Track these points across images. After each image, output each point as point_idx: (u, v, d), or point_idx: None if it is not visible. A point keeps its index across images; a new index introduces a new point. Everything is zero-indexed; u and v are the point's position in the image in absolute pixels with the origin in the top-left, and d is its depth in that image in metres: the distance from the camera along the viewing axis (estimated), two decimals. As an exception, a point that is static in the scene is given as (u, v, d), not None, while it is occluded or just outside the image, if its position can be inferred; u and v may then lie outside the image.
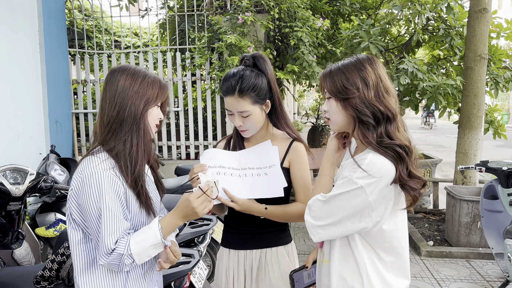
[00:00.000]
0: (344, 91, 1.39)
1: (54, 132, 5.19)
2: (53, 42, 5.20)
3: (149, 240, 1.38)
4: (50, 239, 3.17)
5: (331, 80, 1.43)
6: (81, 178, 1.39)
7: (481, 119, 5.00)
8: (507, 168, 3.35)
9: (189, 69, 5.77)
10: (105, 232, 1.36)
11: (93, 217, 1.37)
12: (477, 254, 4.33)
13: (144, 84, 1.48)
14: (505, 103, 23.32)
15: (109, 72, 1.53)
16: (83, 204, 1.38)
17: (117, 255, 1.36)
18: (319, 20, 5.24)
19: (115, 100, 1.45)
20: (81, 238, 1.45)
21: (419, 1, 4.90)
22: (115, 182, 1.40)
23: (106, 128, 1.46)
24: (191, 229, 2.64)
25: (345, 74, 1.40)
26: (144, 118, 1.47)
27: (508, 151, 12.34)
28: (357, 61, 1.43)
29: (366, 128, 1.37)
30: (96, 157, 1.43)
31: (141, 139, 1.46)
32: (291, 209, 1.74)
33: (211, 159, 1.69)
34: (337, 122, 1.45)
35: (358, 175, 1.33)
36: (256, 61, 1.73)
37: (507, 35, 5.46)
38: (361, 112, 1.36)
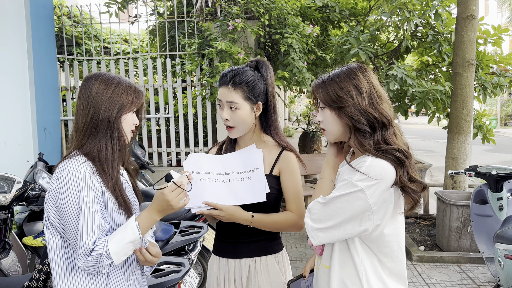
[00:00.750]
0: (338, 100, 1.39)
1: (42, 139, 5.13)
2: (42, 48, 5.16)
3: (127, 237, 1.39)
4: (37, 248, 3.11)
5: (324, 90, 1.42)
6: (59, 179, 1.39)
7: (470, 124, 5.05)
8: (496, 173, 3.38)
9: (179, 76, 5.75)
10: (83, 232, 1.35)
11: (72, 218, 1.37)
12: (468, 258, 4.35)
13: (118, 90, 1.49)
14: (493, 108, 23.63)
15: (84, 78, 1.55)
16: (61, 205, 1.38)
17: (96, 256, 1.35)
18: (309, 26, 5.27)
19: (88, 105, 1.47)
20: (59, 243, 1.44)
21: (407, 7, 4.96)
22: (93, 182, 1.41)
23: (81, 132, 1.48)
24: (182, 237, 2.61)
25: (338, 83, 1.40)
26: (118, 123, 1.48)
27: (496, 155, 12.47)
28: (348, 69, 1.43)
29: (362, 135, 1.37)
30: (73, 159, 1.44)
31: (115, 143, 1.48)
32: (280, 218, 1.72)
33: (195, 163, 1.68)
34: (333, 131, 1.45)
35: (358, 178, 1.32)
36: (259, 65, 1.75)
37: (494, 41, 5.54)
38: (356, 120, 1.36)
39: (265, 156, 1.76)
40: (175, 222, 2.85)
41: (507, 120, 23.48)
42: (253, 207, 1.67)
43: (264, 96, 1.73)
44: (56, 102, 5.69)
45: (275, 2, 5.15)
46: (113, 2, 6.27)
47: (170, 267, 2.17)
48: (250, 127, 1.74)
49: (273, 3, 5.16)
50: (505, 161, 11.41)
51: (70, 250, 1.44)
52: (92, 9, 6.15)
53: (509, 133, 19.62)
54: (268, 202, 1.69)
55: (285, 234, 5.24)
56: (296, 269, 4.16)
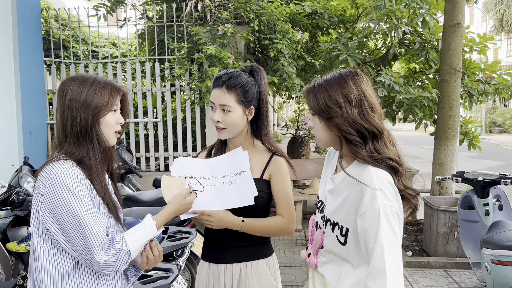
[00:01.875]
0: (327, 110, 1.35)
1: (28, 143, 5.05)
2: (28, 51, 5.09)
3: (147, 235, 1.43)
4: (22, 254, 3.04)
5: (314, 97, 1.39)
6: (49, 183, 1.36)
7: (457, 131, 5.11)
8: (483, 179, 3.42)
9: (168, 80, 5.73)
10: (92, 227, 1.32)
11: (72, 219, 1.33)
12: (455, 263, 4.39)
13: (91, 92, 1.44)
14: (478, 115, 23.99)
15: (60, 83, 1.51)
16: (58, 209, 1.34)
17: (117, 251, 1.33)
18: (299, 32, 5.29)
19: (65, 112, 1.44)
20: (48, 250, 1.39)
21: (395, 15, 5.01)
22: (83, 181, 1.39)
23: (64, 139, 1.46)
24: (170, 242, 2.58)
25: (328, 91, 1.36)
26: (96, 128, 1.44)
27: (482, 162, 12.65)
28: (339, 77, 1.39)
29: (354, 145, 1.34)
30: (62, 162, 1.41)
31: (97, 150, 1.45)
32: (271, 223, 1.72)
33: (181, 168, 1.67)
34: (322, 139, 1.43)
35: (382, 199, 1.25)
36: (253, 70, 1.76)
37: (479, 49, 5.63)
38: (345, 131, 1.34)
39: (256, 160, 1.75)
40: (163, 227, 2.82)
41: (491, 127, 23.85)
42: (243, 212, 1.66)
43: (256, 101, 1.73)
44: (42, 106, 5.62)
45: (265, 8, 5.17)
46: (102, 5, 6.24)
47: (158, 273, 2.14)
48: (241, 130, 1.74)
49: (262, 9, 5.18)
50: (490, 167, 11.58)
51: (62, 256, 1.40)
52: (80, 12, 6.10)
53: (494, 139, 19.94)
54: (258, 207, 1.69)
55: (273, 240, 5.22)
56: (284, 275, 4.14)
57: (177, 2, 6.11)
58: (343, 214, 1.37)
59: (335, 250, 1.42)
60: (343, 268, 1.40)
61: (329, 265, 1.45)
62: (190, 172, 1.66)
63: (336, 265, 1.43)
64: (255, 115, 1.76)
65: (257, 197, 1.68)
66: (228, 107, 1.67)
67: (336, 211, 1.40)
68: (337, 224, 1.39)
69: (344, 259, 1.40)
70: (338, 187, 1.42)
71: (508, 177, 3.34)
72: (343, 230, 1.37)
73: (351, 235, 1.35)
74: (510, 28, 27.36)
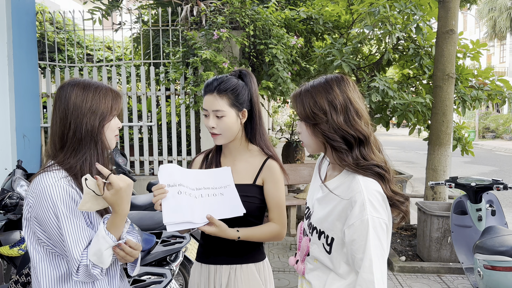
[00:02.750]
0: (312, 116, 1.35)
1: (22, 146, 5.02)
2: (22, 54, 5.07)
3: (103, 246, 1.33)
4: (14, 258, 3.02)
5: (300, 103, 1.39)
6: (36, 193, 1.36)
7: (450, 136, 5.15)
8: (476, 184, 3.44)
9: (163, 84, 5.72)
10: (70, 245, 1.33)
11: (54, 232, 1.34)
12: (448, 269, 4.40)
13: (96, 98, 1.45)
14: (471, 121, 24.16)
15: (58, 88, 1.49)
16: (42, 220, 1.35)
17: (84, 267, 1.33)
18: (293, 38, 5.32)
19: (68, 119, 1.42)
20: (43, 256, 1.41)
21: (389, 21, 5.05)
22: (71, 193, 1.37)
23: (61, 147, 1.43)
24: (163, 247, 2.57)
25: (313, 97, 1.36)
26: (101, 134, 1.46)
27: (475, 167, 12.73)
28: (325, 83, 1.38)
29: (340, 152, 1.34)
30: (52, 173, 1.39)
31: (100, 155, 1.46)
32: (265, 231, 1.73)
33: (169, 175, 1.64)
34: (310, 145, 1.43)
35: (371, 211, 1.25)
36: (242, 74, 1.77)
37: (472, 55, 5.68)
38: (330, 138, 1.33)
39: (249, 165, 1.76)
40: (156, 232, 2.81)
41: (484, 133, 24.02)
42: (236, 219, 1.66)
43: (248, 103, 1.74)
44: (36, 109, 5.59)
45: (260, 13, 5.19)
46: (97, 9, 6.23)
47: (151, 278, 2.13)
48: (235, 134, 1.74)
49: (258, 14, 5.20)
50: (483, 172, 11.66)
51: (58, 261, 1.41)
52: (75, 15, 6.09)
53: (487, 145, 20.08)
54: (251, 212, 1.69)
55: (267, 244, 5.22)
56: (278, 280, 4.14)
57: (173, 6, 6.12)
58: (329, 223, 1.37)
59: (321, 257, 1.42)
60: (329, 276, 1.40)
61: (316, 272, 1.45)
62: (178, 180, 1.63)
63: (322, 272, 1.43)
64: (248, 118, 1.77)
65: (249, 203, 1.68)
66: (221, 111, 1.68)
67: (322, 220, 1.40)
68: (323, 233, 1.39)
69: (329, 268, 1.40)
70: (328, 196, 1.41)
71: (500, 182, 3.36)
72: (328, 239, 1.37)
73: (336, 244, 1.35)
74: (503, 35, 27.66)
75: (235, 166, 1.78)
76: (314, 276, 1.45)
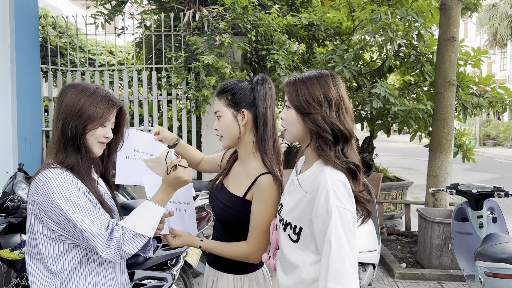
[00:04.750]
0: (306, 105, 1.38)
1: (23, 150, 5.02)
2: (25, 58, 5.09)
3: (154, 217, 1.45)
4: (14, 262, 3.01)
5: (294, 91, 1.41)
6: (41, 188, 1.38)
7: (451, 143, 5.15)
8: (477, 191, 3.44)
9: (165, 88, 5.74)
10: (89, 229, 1.35)
11: (69, 221, 1.36)
12: (449, 276, 4.39)
13: (88, 102, 1.45)
14: (472, 128, 24.15)
15: (61, 89, 1.52)
16: (54, 214, 1.36)
17: (116, 242, 1.36)
18: (295, 44, 5.34)
19: (59, 118, 1.45)
20: (38, 263, 1.44)
21: (391, 28, 5.07)
22: (75, 181, 1.41)
23: (55, 146, 1.47)
24: (164, 251, 2.57)
25: (308, 88, 1.39)
26: (83, 139, 1.46)
27: (476, 174, 12.71)
28: (320, 76, 1.41)
29: (325, 143, 1.37)
30: (53, 169, 1.42)
31: (85, 159, 1.47)
32: (231, 249, 1.66)
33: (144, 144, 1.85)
34: (293, 133, 1.45)
35: (335, 201, 1.27)
36: (254, 78, 1.75)
37: (474, 62, 5.70)
38: (322, 128, 1.36)
39: (246, 177, 1.68)
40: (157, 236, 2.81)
41: (485, 140, 24.01)
42: (235, 222, 1.67)
43: (250, 105, 1.69)
44: (38, 113, 5.60)
45: (262, 19, 5.22)
46: (100, 13, 6.26)
47: (152, 282, 2.13)
48: (237, 137, 1.70)
49: (260, 20, 5.22)
50: (484, 179, 11.64)
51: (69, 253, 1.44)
52: (78, 20, 6.13)
53: (488, 152, 20.06)
54: (232, 225, 1.69)
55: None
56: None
57: (175, 11, 6.16)
58: (296, 213, 1.40)
59: (287, 250, 1.43)
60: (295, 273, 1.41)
61: (283, 267, 1.47)
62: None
63: (288, 269, 1.43)
64: (255, 125, 1.71)
65: (230, 215, 1.66)
66: (218, 112, 1.71)
67: (290, 211, 1.43)
68: (289, 224, 1.42)
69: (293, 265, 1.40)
70: (297, 188, 1.44)
71: (501, 189, 3.36)
72: (296, 229, 1.39)
73: (304, 234, 1.37)
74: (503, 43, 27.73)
75: (237, 173, 1.74)
76: (280, 272, 1.47)
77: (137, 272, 2.21)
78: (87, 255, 1.46)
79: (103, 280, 1.48)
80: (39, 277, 1.43)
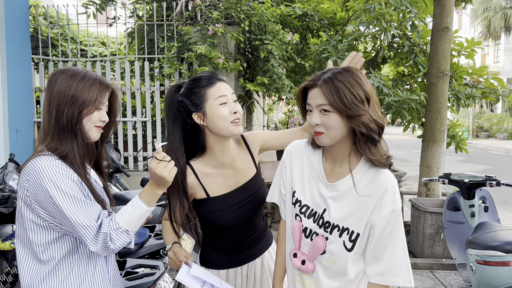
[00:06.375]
0: (354, 108, 1.29)
1: (14, 141, 4.98)
2: (16, 49, 5.03)
3: (137, 212, 1.40)
4: (6, 252, 2.99)
5: (337, 94, 1.30)
6: (32, 175, 1.36)
7: (444, 134, 5.16)
8: (469, 181, 3.46)
9: (157, 79, 5.70)
10: (79, 220, 1.33)
11: (57, 209, 1.34)
12: (441, 265, 4.42)
13: (80, 87, 1.43)
14: (465, 120, 24.28)
15: (50, 75, 1.49)
16: (44, 201, 1.35)
17: (103, 235, 1.34)
18: (289, 34, 5.31)
19: (51, 106, 1.42)
20: (28, 252, 1.42)
21: (385, 18, 5.05)
22: (67, 171, 1.38)
23: (48, 134, 1.44)
24: (156, 240, 2.56)
25: (350, 88, 1.30)
26: (80, 124, 1.43)
27: (469, 166, 12.80)
28: (355, 73, 1.34)
29: (372, 142, 1.33)
30: (44, 157, 1.39)
31: (81, 146, 1.44)
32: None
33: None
34: (336, 137, 1.35)
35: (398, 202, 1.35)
36: None
37: (467, 53, 5.70)
38: (370, 128, 1.31)
39: (240, 156, 1.76)
40: (150, 225, 2.80)
41: (478, 132, 24.16)
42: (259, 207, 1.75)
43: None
44: (29, 103, 5.55)
45: (256, 9, 5.17)
46: (91, 3, 6.19)
47: (144, 270, 2.12)
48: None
49: (253, 9, 5.18)
50: (477, 171, 11.72)
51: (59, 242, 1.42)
52: (69, 10, 6.05)
53: (481, 144, 20.20)
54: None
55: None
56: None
57: (167, 1, 6.10)
58: (356, 218, 1.37)
59: (339, 257, 1.40)
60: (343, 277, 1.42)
61: (328, 272, 1.44)
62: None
63: (336, 273, 1.42)
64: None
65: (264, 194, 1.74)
66: None
67: (346, 217, 1.38)
68: (346, 229, 1.38)
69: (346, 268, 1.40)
70: (348, 192, 1.39)
71: (493, 179, 3.38)
72: (353, 235, 1.37)
73: (359, 241, 1.37)
74: (497, 35, 27.80)
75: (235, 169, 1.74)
76: (325, 275, 1.44)
77: (129, 260, 2.21)
78: (77, 244, 1.44)
79: (93, 270, 1.47)
80: (28, 265, 1.41)
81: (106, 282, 1.51)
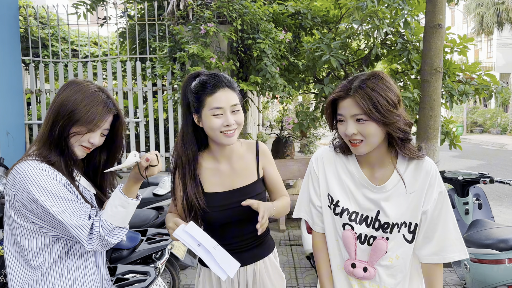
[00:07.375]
0: (389, 115, 1.33)
1: (5, 144, 4.93)
2: (5, 50, 4.97)
3: (116, 201, 1.43)
4: (-4, 258, 2.95)
5: (371, 104, 1.32)
6: (18, 180, 1.34)
7: (438, 131, 5.16)
8: (463, 178, 3.45)
9: (150, 79, 5.65)
10: (70, 221, 1.32)
11: (49, 217, 1.33)
12: (436, 262, 4.42)
13: (81, 104, 1.41)
14: (459, 115, 24.38)
15: (64, 83, 1.49)
16: (32, 206, 1.33)
17: (97, 234, 1.35)
18: (282, 32, 5.28)
19: (49, 115, 1.43)
20: (17, 256, 1.40)
21: (377, 16, 5.03)
22: (54, 174, 1.37)
23: (41, 142, 1.43)
24: (149, 245, 2.53)
25: (383, 95, 1.33)
26: (67, 141, 1.42)
27: (463, 161, 12.84)
28: (384, 78, 1.38)
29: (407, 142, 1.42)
30: (32, 161, 1.38)
31: (68, 159, 1.43)
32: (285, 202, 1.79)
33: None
34: (374, 144, 1.40)
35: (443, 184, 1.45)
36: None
37: (460, 50, 5.70)
38: (405, 131, 1.39)
39: (245, 161, 1.76)
40: (142, 229, 2.77)
41: (472, 127, 24.27)
42: (247, 212, 1.67)
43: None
44: (20, 105, 5.49)
45: (248, 8, 5.14)
46: (82, 3, 6.12)
47: (135, 276, 2.09)
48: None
49: (245, 8, 5.15)
50: (471, 166, 11.76)
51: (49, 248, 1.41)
52: (59, 10, 5.98)
53: (475, 139, 20.29)
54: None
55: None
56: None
57: (159, 0, 6.04)
58: (411, 211, 1.43)
59: (400, 251, 1.45)
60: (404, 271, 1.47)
61: (390, 271, 1.47)
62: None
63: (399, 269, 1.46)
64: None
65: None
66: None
67: (404, 212, 1.44)
68: (404, 223, 1.44)
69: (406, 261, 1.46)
70: (397, 191, 1.45)
71: (487, 176, 3.38)
72: (412, 226, 1.43)
73: (418, 231, 1.45)
74: (490, 30, 27.89)
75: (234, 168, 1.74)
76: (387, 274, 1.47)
77: (120, 266, 2.17)
78: (68, 248, 1.43)
79: (84, 273, 1.45)
80: (17, 271, 1.39)
81: (98, 286, 1.49)
